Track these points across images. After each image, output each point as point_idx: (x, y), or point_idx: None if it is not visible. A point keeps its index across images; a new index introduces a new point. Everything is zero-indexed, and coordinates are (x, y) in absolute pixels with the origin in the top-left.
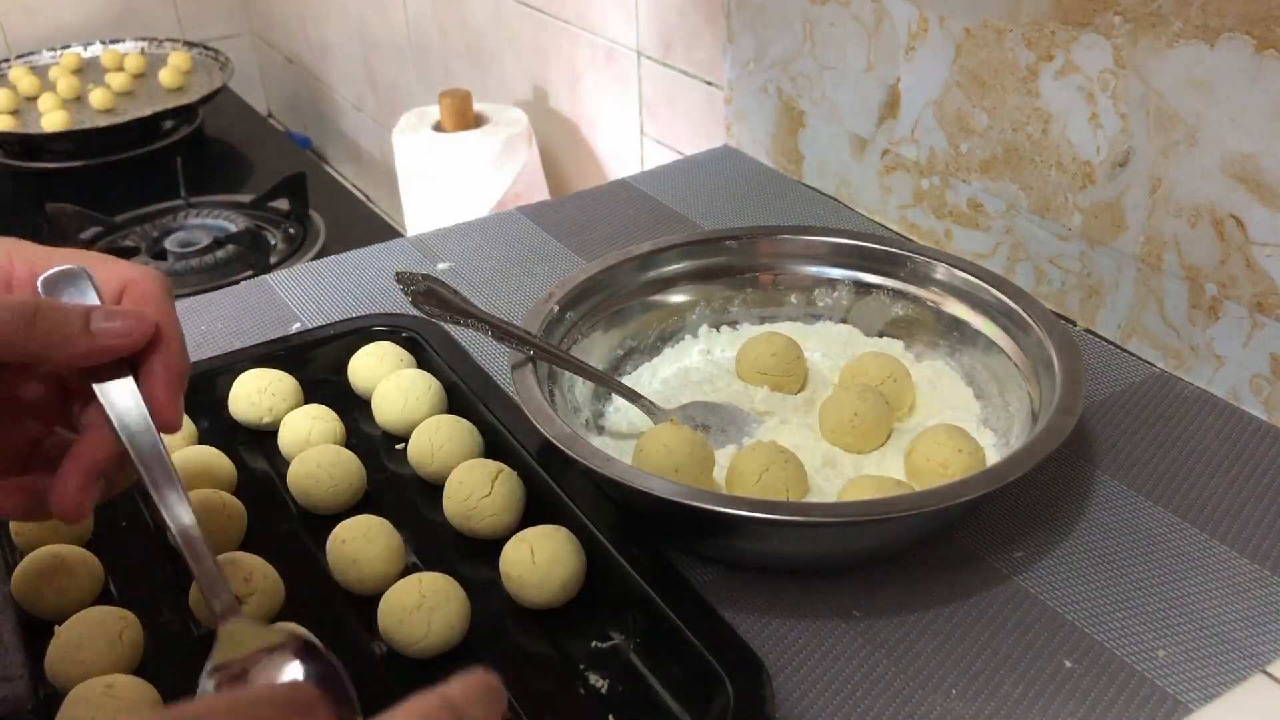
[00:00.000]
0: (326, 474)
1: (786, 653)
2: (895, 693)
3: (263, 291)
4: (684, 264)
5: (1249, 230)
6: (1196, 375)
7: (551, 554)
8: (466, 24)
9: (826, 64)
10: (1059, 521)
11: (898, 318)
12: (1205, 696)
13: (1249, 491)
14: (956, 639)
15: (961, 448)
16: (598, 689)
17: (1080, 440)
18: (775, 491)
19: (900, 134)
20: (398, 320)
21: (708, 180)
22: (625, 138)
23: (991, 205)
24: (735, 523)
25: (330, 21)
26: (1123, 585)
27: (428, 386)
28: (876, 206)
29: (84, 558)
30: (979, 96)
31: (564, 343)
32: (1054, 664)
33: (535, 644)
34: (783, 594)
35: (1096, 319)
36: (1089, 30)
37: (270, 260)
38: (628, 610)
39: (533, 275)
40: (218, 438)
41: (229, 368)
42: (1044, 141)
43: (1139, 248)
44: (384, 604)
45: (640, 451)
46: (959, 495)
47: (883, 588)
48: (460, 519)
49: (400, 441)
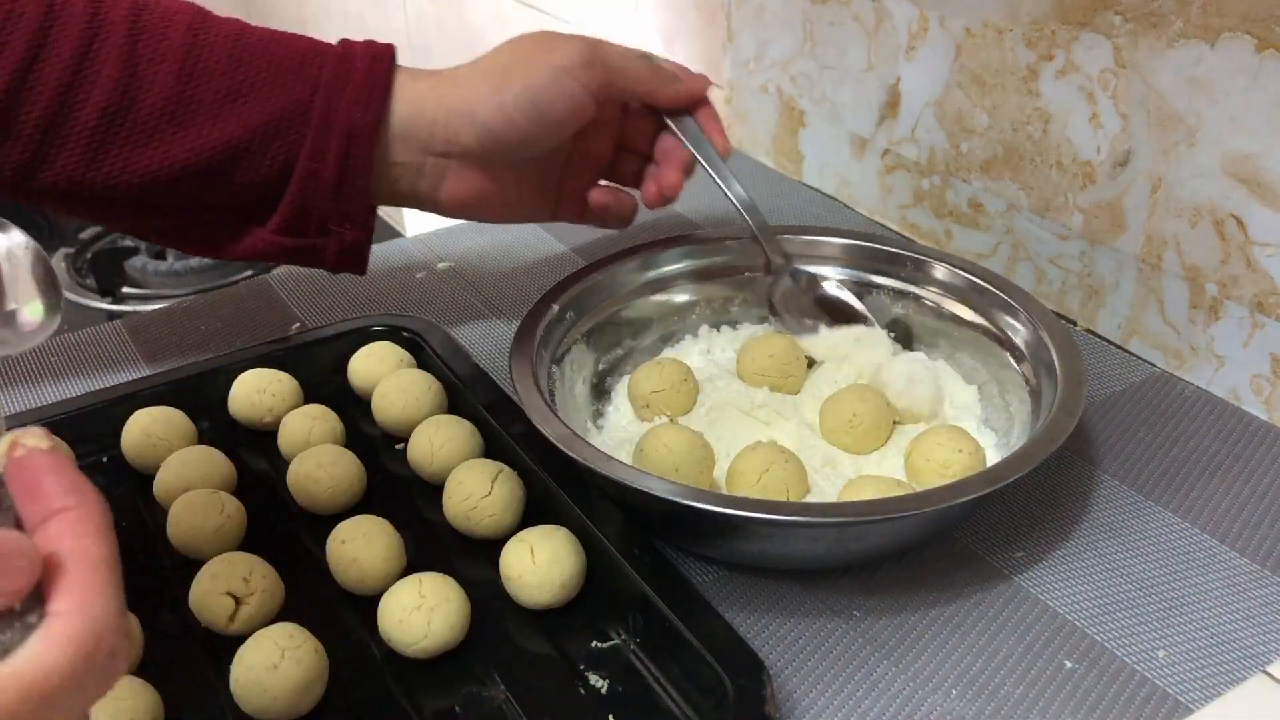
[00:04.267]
0: (326, 474)
1: (786, 653)
2: (895, 693)
3: (263, 291)
4: (684, 264)
5: (1249, 230)
6: (1197, 375)
7: (551, 554)
8: (466, 24)
9: (826, 64)
10: (1059, 521)
11: (898, 317)
12: (1205, 696)
13: (1249, 491)
14: (956, 639)
15: (961, 448)
16: (598, 689)
17: (1080, 440)
18: (775, 491)
19: (900, 134)
20: (398, 320)
21: (708, 180)
22: None
23: (992, 205)
24: (735, 523)
25: (330, 21)
26: (1123, 585)
27: (428, 386)
28: (876, 206)
29: None
30: (979, 96)
31: (564, 343)
32: (1054, 664)
33: (535, 644)
34: (783, 594)
35: (1097, 319)
36: (1089, 30)
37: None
38: (628, 610)
39: (533, 275)
40: (218, 438)
41: (229, 368)
42: (1044, 141)
43: (1139, 248)
44: (384, 604)
45: (640, 451)
46: (959, 495)
47: (883, 588)
48: (460, 519)
49: (400, 441)
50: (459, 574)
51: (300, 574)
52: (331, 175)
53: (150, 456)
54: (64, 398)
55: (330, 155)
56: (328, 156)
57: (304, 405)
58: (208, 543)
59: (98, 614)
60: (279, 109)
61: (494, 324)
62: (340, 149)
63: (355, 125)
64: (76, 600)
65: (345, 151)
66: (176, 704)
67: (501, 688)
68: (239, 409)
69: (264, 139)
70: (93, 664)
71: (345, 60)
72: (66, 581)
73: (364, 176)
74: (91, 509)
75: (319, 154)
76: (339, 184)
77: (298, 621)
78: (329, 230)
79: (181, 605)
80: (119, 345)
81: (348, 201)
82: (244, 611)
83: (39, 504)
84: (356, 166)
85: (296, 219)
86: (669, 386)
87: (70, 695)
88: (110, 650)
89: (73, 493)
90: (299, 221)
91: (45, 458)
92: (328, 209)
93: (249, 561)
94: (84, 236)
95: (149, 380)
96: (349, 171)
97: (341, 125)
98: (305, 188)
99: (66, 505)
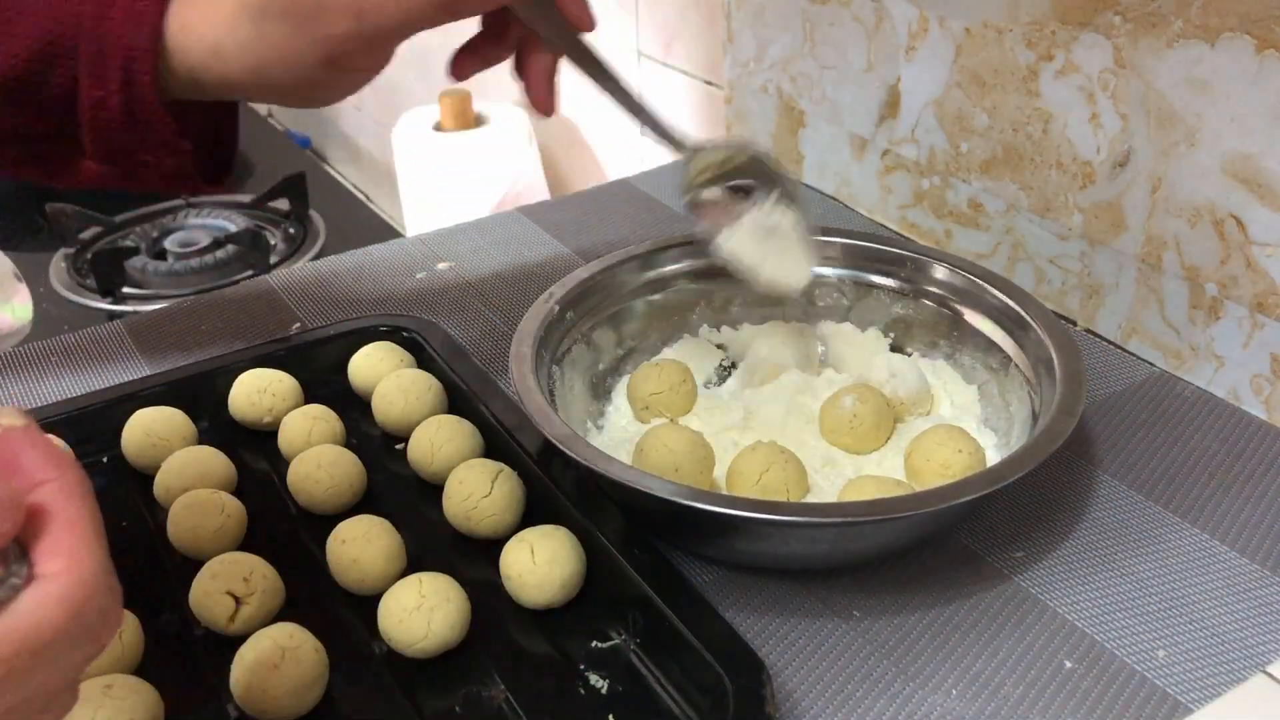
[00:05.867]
0: (326, 474)
1: (786, 653)
2: (895, 693)
3: (263, 291)
4: (684, 264)
5: (1249, 230)
6: (1197, 375)
7: (551, 554)
8: (466, 24)
9: (826, 64)
10: (1059, 521)
11: (898, 317)
12: (1205, 696)
13: (1249, 491)
14: (956, 639)
15: (961, 448)
16: (598, 689)
17: (1080, 440)
18: (775, 492)
19: (900, 134)
20: (398, 320)
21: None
22: (625, 138)
23: (991, 205)
24: (735, 523)
25: None
26: (1123, 585)
27: (428, 386)
28: (876, 206)
29: None
30: (979, 96)
31: (564, 343)
32: (1054, 664)
33: (535, 644)
34: (783, 594)
35: (1096, 319)
36: (1089, 30)
37: (270, 260)
38: (628, 610)
39: (533, 275)
40: (218, 438)
41: (229, 368)
42: (1044, 141)
43: (1139, 248)
44: (384, 604)
45: (640, 451)
46: (959, 495)
47: (883, 588)
48: (460, 519)
49: (400, 441)
50: (459, 574)
51: (300, 574)
52: (117, 103)
53: (150, 456)
54: (64, 398)
55: (111, 81)
56: (108, 83)
57: (304, 405)
58: (208, 543)
59: (85, 573)
60: (46, 33)
61: (494, 324)
62: (120, 74)
63: (130, 46)
64: (65, 561)
65: (126, 76)
66: (176, 704)
67: (501, 688)
68: (239, 409)
69: (42, 64)
70: (84, 621)
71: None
72: (53, 543)
73: (152, 103)
74: (71, 478)
75: (98, 80)
76: (128, 112)
77: (298, 621)
78: (141, 160)
79: (181, 605)
80: (119, 345)
81: (146, 129)
82: (244, 611)
83: (19, 478)
84: (141, 91)
85: (103, 147)
86: (667, 388)
87: (62, 651)
88: (100, 608)
89: (51, 465)
90: (107, 150)
91: (22, 434)
92: (126, 138)
93: (249, 561)
94: (84, 237)
95: (149, 380)
96: (134, 99)
97: (116, 47)
98: (96, 117)
99: (47, 477)
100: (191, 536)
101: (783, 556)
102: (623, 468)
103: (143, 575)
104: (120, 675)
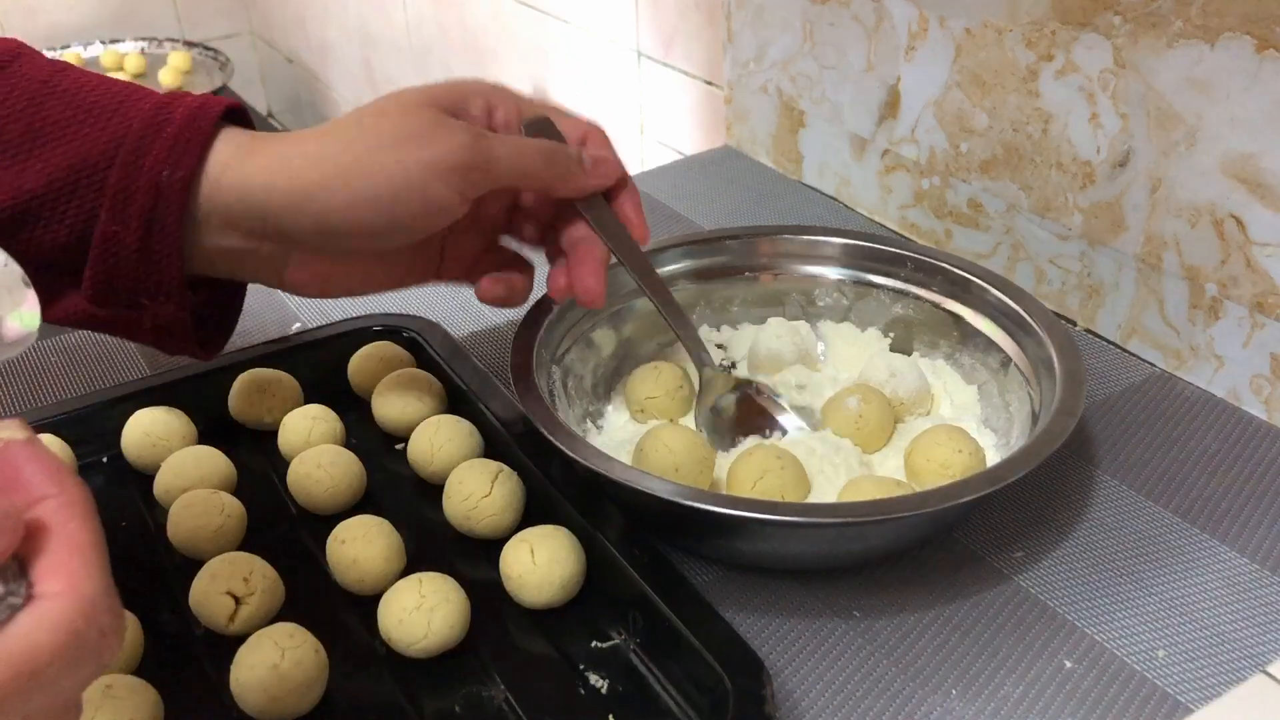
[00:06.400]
0: (326, 474)
1: (786, 653)
2: (895, 693)
3: (263, 291)
4: (684, 264)
5: (1249, 230)
6: (1196, 375)
7: (551, 554)
8: (466, 23)
9: (826, 64)
10: (1059, 521)
11: (898, 317)
12: (1205, 696)
13: (1249, 491)
14: (956, 639)
15: (961, 448)
16: (598, 689)
17: (1080, 440)
18: (771, 497)
19: (900, 134)
20: (398, 320)
21: (708, 180)
22: (625, 138)
23: (991, 205)
24: (735, 523)
25: (330, 21)
26: (1123, 585)
27: (428, 386)
28: (876, 206)
29: None
30: (979, 96)
31: (564, 343)
32: (1054, 664)
33: (535, 644)
34: (783, 594)
35: (1096, 319)
36: (1089, 30)
37: None
38: (628, 610)
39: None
40: (218, 438)
41: (229, 368)
42: (1044, 141)
43: (1139, 248)
44: (384, 604)
45: (640, 451)
46: (959, 495)
47: (883, 588)
48: (460, 519)
49: (400, 441)
50: (459, 574)
51: (300, 574)
52: (134, 240)
53: (150, 456)
54: (64, 398)
55: (133, 217)
56: (130, 218)
57: (304, 405)
58: (208, 543)
59: (85, 594)
60: (74, 160)
61: (494, 324)
62: (144, 210)
63: (161, 184)
64: (65, 582)
65: (150, 214)
66: (176, 704)
67: (501, 688)
68: (239, 409)
69: (58, 195)
70: (83, 643)
71: (162, 110)
72: (53, 563)
73: (172, 242)
74: (74, 495)
75: (119, 214)
76: (143, 250)
77: (298, 621)
78: (138, 303)
79: (181, 605)
80: (119, 345)
81: (156, 271)
82: (244, 611)
83: (20, 494)
84: (163, 231)
85: (103, 287)
86: (664, 393)
87: (61, 674)
88: (101, 629)
89: (54, 481)
90: (106, 290)
91: (23, 448)
92: (133, 278)
93: (249, 561)
94: None
95: (149, 380)
96: (154, 237)
97: (146, 183)
98: (107, 253)
99: (48, 493)
100: (191, 537)
101: (783, 557)
102: (623, 468)
103: (143, 575)
104: (120, 675)
